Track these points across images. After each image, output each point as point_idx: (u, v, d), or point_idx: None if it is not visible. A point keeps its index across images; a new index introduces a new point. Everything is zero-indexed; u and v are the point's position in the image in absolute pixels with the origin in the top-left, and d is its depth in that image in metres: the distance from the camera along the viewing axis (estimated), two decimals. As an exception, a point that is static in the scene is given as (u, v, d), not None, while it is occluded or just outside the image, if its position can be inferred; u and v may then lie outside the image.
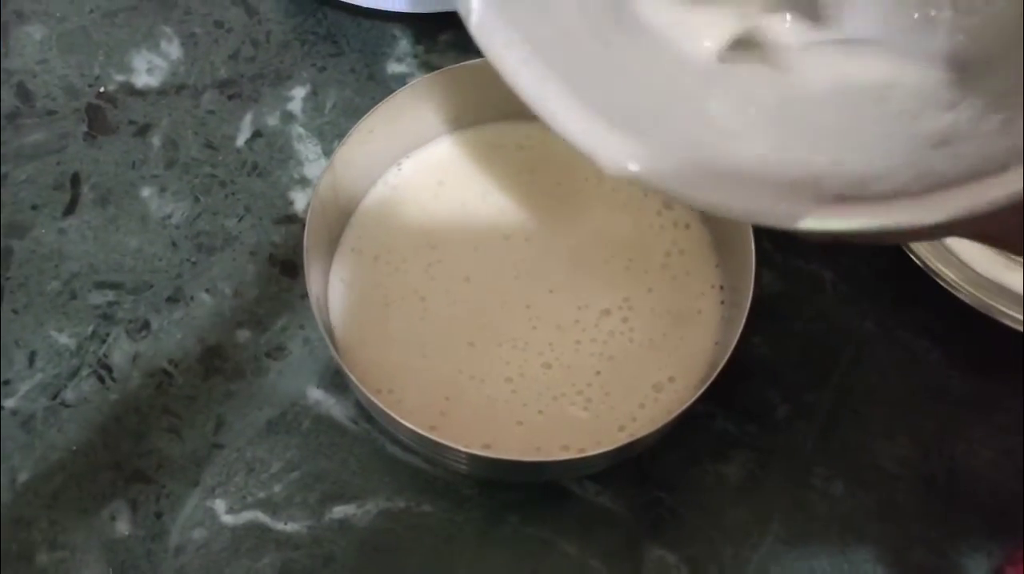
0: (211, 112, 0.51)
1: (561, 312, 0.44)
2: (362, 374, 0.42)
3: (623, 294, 0.44)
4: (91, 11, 0.54)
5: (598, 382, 0.43)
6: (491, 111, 0.47)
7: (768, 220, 0.27)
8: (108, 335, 0.47)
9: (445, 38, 0.53)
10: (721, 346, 0.43)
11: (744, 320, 0.40)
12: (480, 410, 0.42)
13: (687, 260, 0.45)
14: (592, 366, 0.43)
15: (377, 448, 0.45)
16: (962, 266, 0.47)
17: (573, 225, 0.46)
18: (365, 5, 0.52)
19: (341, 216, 0.45)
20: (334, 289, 0.44)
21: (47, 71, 0.52)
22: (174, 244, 0.49)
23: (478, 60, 0.45)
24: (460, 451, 0.38)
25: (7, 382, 0.46)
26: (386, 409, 0.38)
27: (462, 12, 0.32)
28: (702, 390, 0.39)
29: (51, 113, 0.51)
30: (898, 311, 0.48)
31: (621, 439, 0.40)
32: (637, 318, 0.44)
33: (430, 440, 0.38)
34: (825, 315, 0.48)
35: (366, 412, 0.45)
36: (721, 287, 0.45)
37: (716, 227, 0.45)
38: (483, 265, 0.45)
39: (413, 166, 0.47)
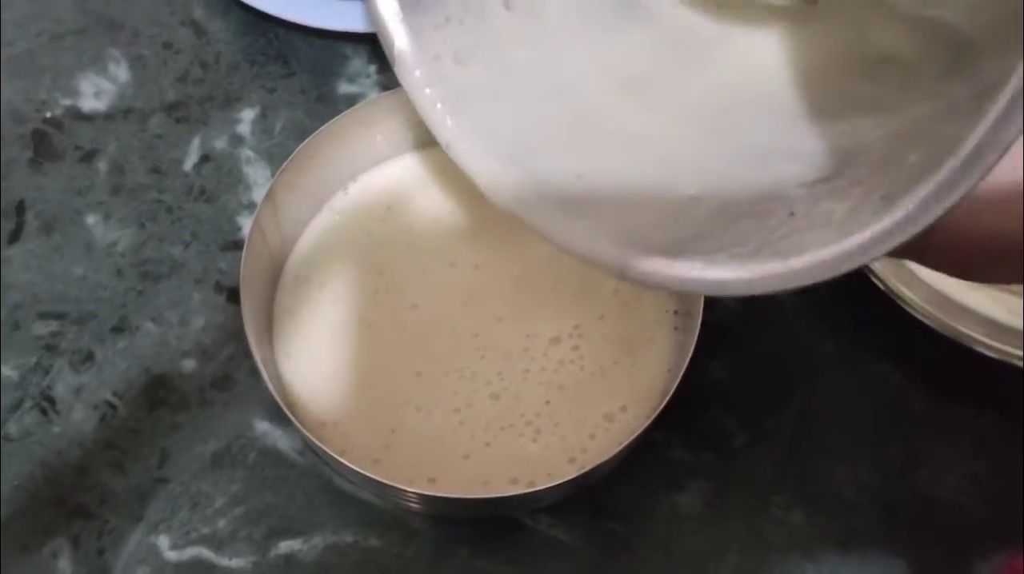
0: (159, 136, 0.50)
1: (509, 340, 0.43)
2: (305, 407, 0.41)
3: (573, 321, 0.43)
4: (38, 34, 0.53)
5: (547, 412, 0.42)
6: None
7: (601, 265, 0.28)
8: (51, 366, 0.46)
9: (398, 57, 0.52)
10: (674, 373, 0.41)
11: (693, 345, 0.39)
12: (426, 442, 0.41)
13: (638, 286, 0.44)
14: (541, 396, 0.42)
15: (324, 481, 0.44)
16: (924, 287, 0.46)
17: (523, 251, 0.45)
18: (315, 25, 0.51)
19: (285, 243, 0.44)
20: (278, 319, 0.43)
21: (-8, 96, 0.51)
22: (119, 272, 0.48)
23: None
24: (404, 490, 0.37)
25: (-54, 417, 0.45)
26: (325, 448, 0.37)
27: (385, 47, 0.32)
28: (651, 418, 0.38)
29: (-4, 139, 0.50)
30: (858, 334, 0.47)
31: (571, 471, 0.39)
32: (588, 346, 0.43)
33: (373, 480, 0.37)
34: (785, 338, 0.47)
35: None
36: (675, 312, 0.44)
37: None
38: (430, 292, 0.44)
39: (360, 190, 0.46)
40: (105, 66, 0.52)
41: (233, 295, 0.47)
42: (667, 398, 0.38)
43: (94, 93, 0.51)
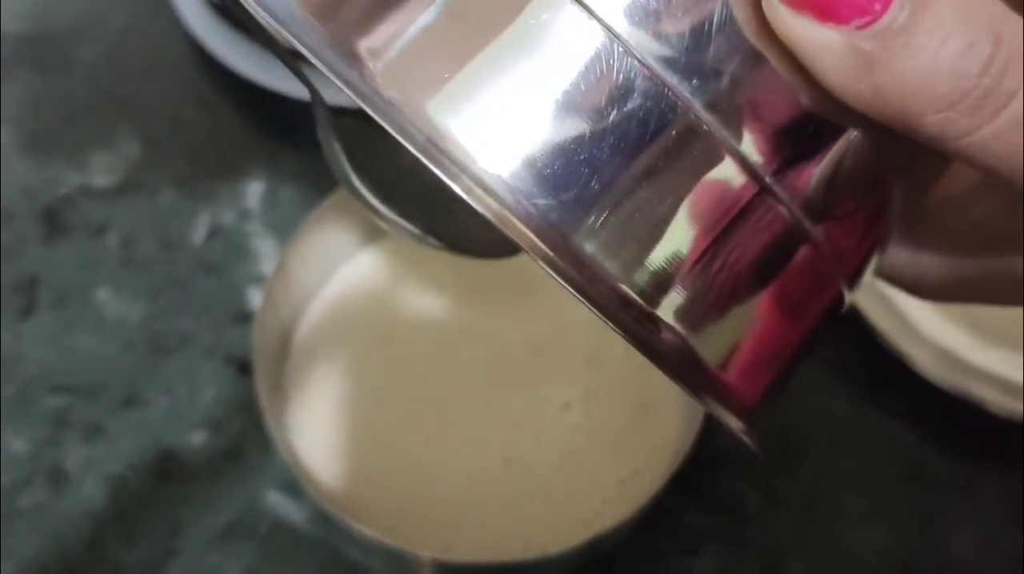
0: (168, 211, 0.51)
1: (520, 407, 0.43)
2: (318, 477, 0.41)
3: (584, 385, 0.43)
4: (50, 114, 0.54)
5: (560, 478, 0.41)
6: None
7: None
8: (63, 440, 0.46)
9: (405, 129, 0.53)
10: (687, 436, 0.41)
11: (696, 434, 0.39)
12: (438, 510, 0.41)
13: None
14: (554, 462, 0.42)
15: (336, 553, 0.43)
16: (932, 347, 0.46)
17: (533, 315, 0.45)
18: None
19: (296, 313, 0.44)
20: (289, 390, 0.43)
21: (7, 174, 0.52)
22: (130, 345, 0.48)
23: None
24: (420, 556, 0.37)
25: (-43, 492, 0.45)
26: (341, 517, 0.37)
27: None
28: (664, 482, 0.38)
29: (10, 216, 0.51)
30: (871, 394, 0.47)
31: (585, 536, 0.39)
32: (599, 410, 0.43)
33: (389, 546, 0.37)
34: (797, 401, 0.47)
35: (325, 515, 0.44)
36: None
37: None
38: (441, 359, 0.44)
39: (369, 259, 0.46)
40: (116, 143, 0.53)
41: (243, 367, 0.47)
42: (680, 461, 0.38)
43: (105, 169, 0.52)
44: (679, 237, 0.17)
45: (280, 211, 0.51)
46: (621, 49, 0.16)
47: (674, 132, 0.16)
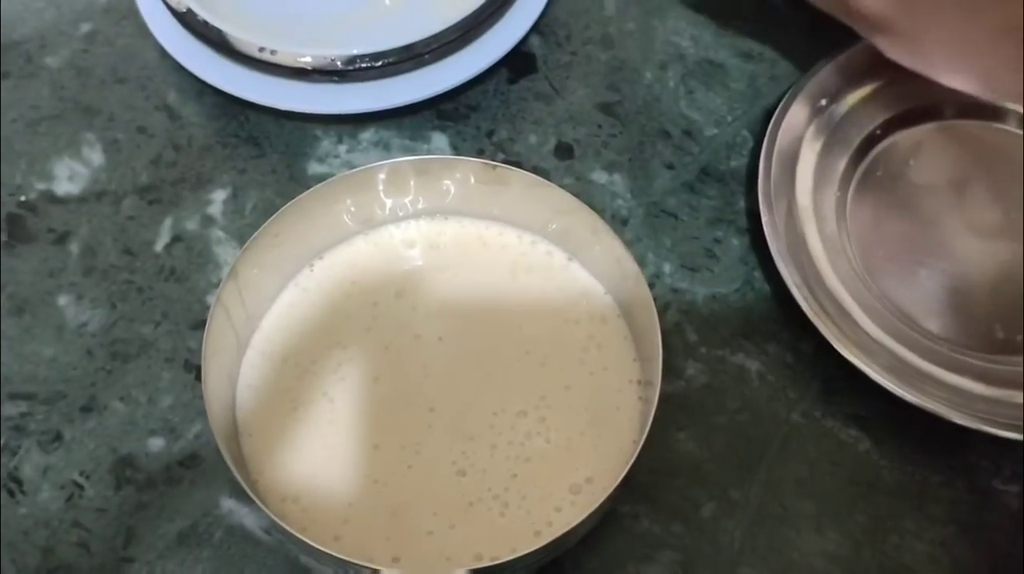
0: (131, 218, 0.51)
1: (474, 414, 0.43)
2: (267, 483, 0.41)
3: (539, 393, 0.43)
4: (14, 120, 0.54)
5: (515, 486, 0.42)
6: (403, 210, 0.47)
7: None
8: (20, 447, 0.46)
9: (367, 136, 0.53)
10: (638, 443, 0.41)
11: (652, 416, 0.39)
12: (386, 518, 0.41)
13: (604, 355, 0.44)
14: (508, 470, 0.42)
15: (290, 559, 0.43)
16: (885, 353, 0.46)
17: (487, 323, 0.45)
18: (286, 108, 0.52)
19: (250, 320, 0.44)
20: (242, 395, 0.44)
21: (-31, 181, 0.52)
22: (89, 352, 0.48)
23: (387, 162, 0.45)
24: (364, 567, 0.37)
25: (-87, 499, 0.45)
26: (286, 526, 0.37)
27: None
28: (614, 490, 0.38)
29: (-29, 223, 0.51)
30: (826, 401, 0.47)
31: (536, 544, 0.39)
32: (554, 417, 0.43)
33: (335, 557, 0.37)
34: (751, 407, 0.47)
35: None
36: (640, 382, 0.44)
37: (633, 319, 0.44)
38: (393, 365, 0.44)
39: (325, 267, 0.46)
40: (79, 150, 0.53)
41: (202, 373, 0.47)
42: (626, 469, 0.38)
43: (68, 177, 0.52)
44: None
45: (243, 218, 0.51)
46: None
47: None
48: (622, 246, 0.42)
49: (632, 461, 0.38)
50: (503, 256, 0.47)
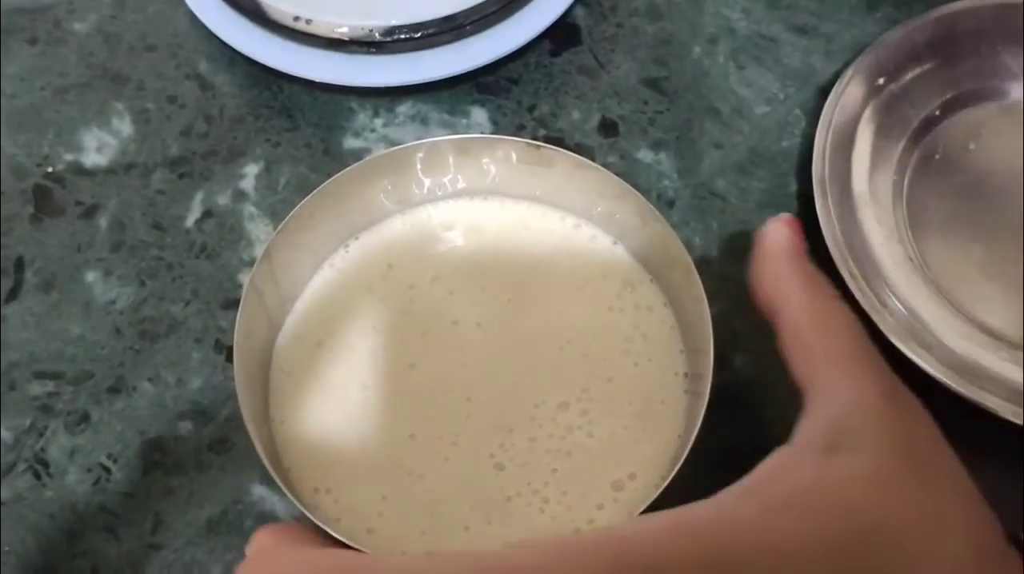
0: (160, 192, 0.49)
1: (513, 405, 0.41)
2: (299, 472, 0.40)
3: (581, 385, 0.42)
4: (42, 88, 0.52)
5: (555, 481, 0.40)
6: (442, 189, 0.45)
7: None
8: (46, 428, 0.45)
9: (404, 110, 0.52)
10: (684, 439, 0.40)
11: (703, 411, 0.37)
12: (421, 511, 0.39)
13: (650, 345, 0.43)
14: (548, 464, 0.40)
15: (322, 549, 0.42)
16: (943, 348, 0.44)
17: (528, 310, 0.43)
18: (321, 79, 0.50)
19: (284, 302, 0.43)
20: (274, 380, 0.42)
21: (-5, 150, 0.51)
22: (117, 331, 0.47)
23: (425, 141, 0.43)
24: None
25: (-63, 480, 0.44)
26: (315, 520, 0.36)
27: None
28: (661, 489, 0.36)
29: (-3, 194, 0.50)
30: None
31: None
32: (597, 410, 0.41)
33: (367, 552, 0.35)
34: (800, 400, 0.45)
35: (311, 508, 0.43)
36: (686, 374, 0.42)
37: (681, 309, 0.43)
38: (429, 352, 0.42)
39: (360, 248, 0.45)
40: (108, 120, 0.51)
41: (232, 354, 0.46)
42: (677, 466, 0.37)
43: (97, 148, 0.51)
44: None
45: (276, 194, 0.49)
46: None
47: None
48: (672, 232, 0.41)
49: (684, 458, 0.37)
50: (545, 239, 0.45)
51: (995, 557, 0.31)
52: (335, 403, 0.41)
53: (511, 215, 0.46)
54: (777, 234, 0.39)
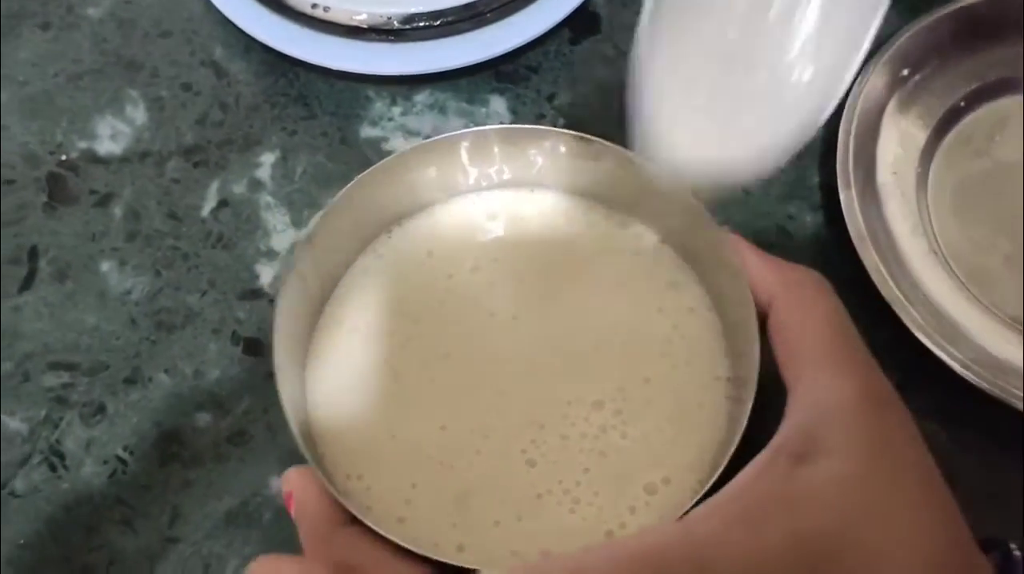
0: (176, 181, 0.49)
1: (547, 401, 0.40)
2: (332, 458, 0.39)
3: (617, 384, 0.41)
4: (55, 74, 0.51)
5: (587, 481, 0.39)
6: (487, 179, 0.44)
7: None
8: (61, 419, 0.44)
9: (422, 99, 0.51)
10: (724, 446, 0.39)
11: (746, 419, 0.36)
12: (452, 504, 0.39)
13: (690, 347, 0.41)
14: (580, 463, 0.39)
15: (342, 543, 0.42)
16: (969, 345, 0.43)
17: (566, 305, 0.42)
18: (337, 67, 0.49)
19: (324, 286, 0.42)
20: (311, 367, 0.41)
21: (8, 138, 0.50)
22: (133, 321, 0.46)
23: (471, 130, 0.42)
24: (427, 556, 0.35)
25: (-48, 471, 0.43)
26: (349, 504, 0.35)
27: None
28: (697, 495, 0.36)
29: (10, 182, 0.49)
30: (906, 394, 0.45)
31: None
32: (632, 411, 0.40)
33: (396, 543, 0.35)
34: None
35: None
36: (728, 379, 0.41)
37: (725, 311, 0.42)
38: (464, 343, 0.41)
39: (403, 235, 0.44)
40: (122, 107, 0.51)
41: (250, 346, 0.45)
42: (716, 475, 0.35)
43: (111, 135, 0.50)
44: None
45: (293, 183, 0.49)
46: None
47: None
48: (723, 234, 0.40)
49: (725, 463, 0.35)
50: (589, 234, 0.44)
51: (961, 567, 0.30)
52: (368, 390, 0.41)
53: (555, 208, 0.45)
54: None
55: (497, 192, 0.45)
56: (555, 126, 0.50)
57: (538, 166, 0.44)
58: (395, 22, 0.48)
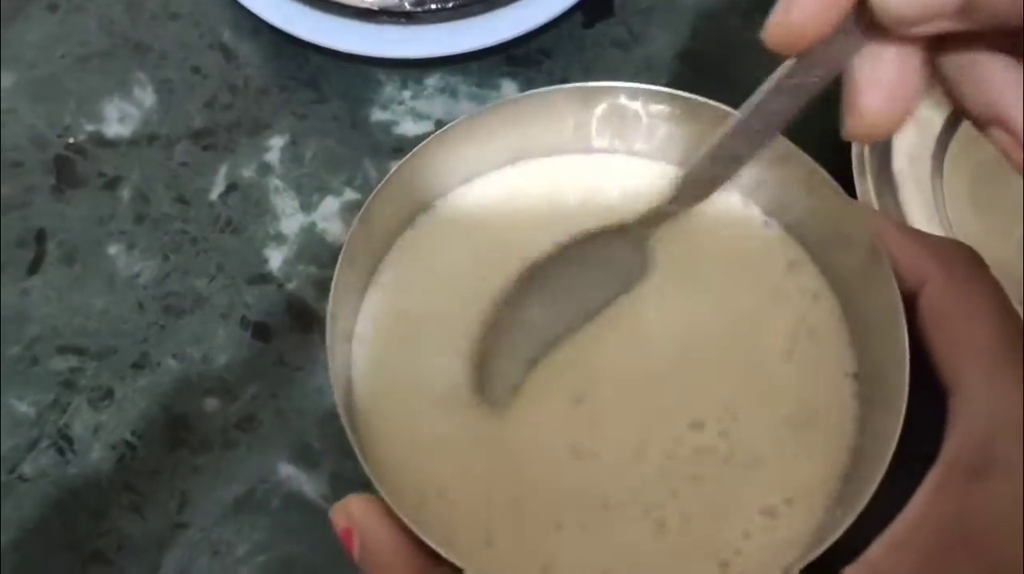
0: (184, 164, 0.48)
1: (636, 420, 0.34)
2: (398, 473, 0.32)
3: (724, 401, 0.34)
4: (63, 56, 0.51)
5: (678, 503, 0.32)
6: (572, 144, 0.38)
7: None
8: (69, 404, 0.44)
9: (432, 82, 0.50)
10: (854, 454, 0.33)
11: (899, 428, 0.29)
12: (538, 528, 0.32)
13: (814, 343, 0.35)
14: (671, 488, 0.33)
15: (351, 530, 0.42)
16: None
17: (669, 306, 0.35)
18: (348, 50, 0.49)
19: (374, 265, 0.36)
20: (356, 355, 0.35)
21: (15, 120, 0.49)
22: (141, 306, 0.46)
23: (559, 87, 0.36)
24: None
25: (-40, 455, 0.43)
26: (423, 537, 0.28)
27: None
28: (847, 518, 0.28)
29: (17, 165, 0.48)
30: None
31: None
32: (741, 432, 0.33)
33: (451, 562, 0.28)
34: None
35: (340, 489, 0.42)
36: (855, 375, 0.34)
37: (848, 296, 0.35)
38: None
39: (467, 203, 0.37)
40: (131, 90, 0.50)
41: (259, 331, 0.45)
42: (873, 487, 0.29)
43: (119, 118, 0.50)
44: None
45: (302, 167, 0.48)
46: None
47: None
48: (852, 204, 0.34)
49: (875, 487, 0.29)
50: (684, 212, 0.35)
51: None
52: (421, 385, 0.35)
53: (644, 177, 0.37)
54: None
55: (582, 157, 0.38)
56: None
57: (610, 128, 0.37)
58: (406, 4, 0.48)
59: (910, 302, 0.31)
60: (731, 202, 0.37)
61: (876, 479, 0.29)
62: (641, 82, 0.36)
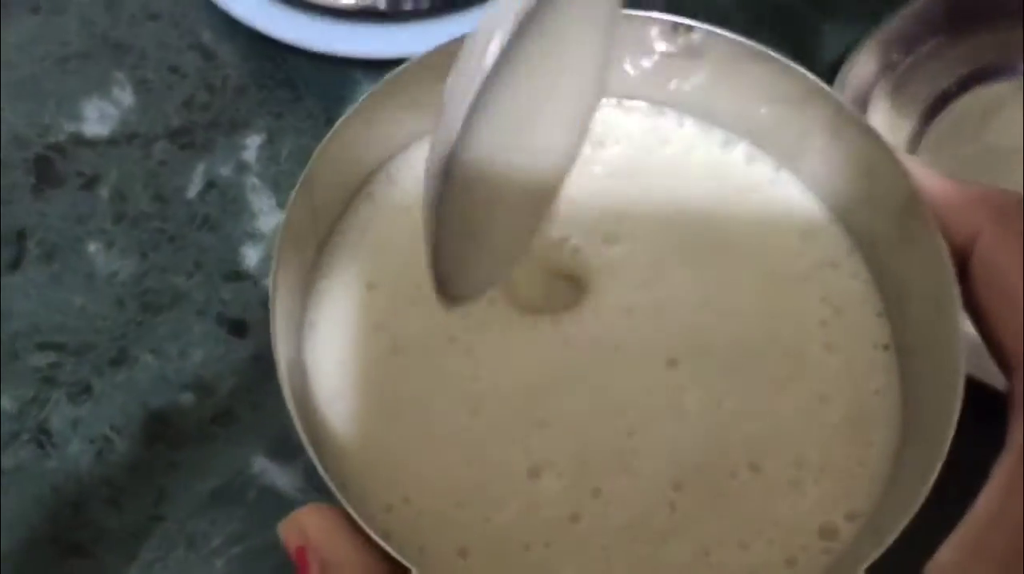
0: (162, 163, 0.49)
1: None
2: (362, 477, 0.27)
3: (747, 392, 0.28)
4: (43, 57, 0.52)
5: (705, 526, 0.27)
6: None
7: None
8: (49, 399, 0.45)
9: (409, 82, 0.51)
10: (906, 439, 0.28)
11: (959, 403, 0.25)
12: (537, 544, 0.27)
13: (844, 320, 0.29)
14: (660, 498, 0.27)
15: (325, 522, 0.42)
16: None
17: (665, 278, 0.29)
18: (324, 50, 0.49)
19: (319, 234, 0.31)
20: (308, 340, 0.29)
21: (-4, 120, 0.50)
22: (120, 303, 0.46)
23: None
24: None
25: (-60, 450, 0.44)
26: (388, 546, 0.23)
27: None
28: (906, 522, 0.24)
29: (-2, 164, 0.49)
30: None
31: None
32: (771, 439, 0.28)
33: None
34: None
35: (315, 482, 0.42)
36: (885, 347, 0.29)
37: (877, 257, 0.29)
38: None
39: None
40: (110, 90, 0.51)
41: (235, 327, 0.46)
42: (929, 484, 0.24)
43: (98, 118, 0.50)
44: None
45: (279, 165, 0.49)
46: None
47: None
48: (886, 147, 0.28)
49: (927, 491, 0.24)
50: (679, 164, 0.31)
51: None
52: (369, 370, 0.29)
53: (635, 125, 0.32)
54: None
55: None
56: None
57: (626, 72, 0.31)
58: (382, 3, 0.48)
59: (959, 263, 0.26)
60: (741, 150, 0.32)
61: (936, 467, 0.24)
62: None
